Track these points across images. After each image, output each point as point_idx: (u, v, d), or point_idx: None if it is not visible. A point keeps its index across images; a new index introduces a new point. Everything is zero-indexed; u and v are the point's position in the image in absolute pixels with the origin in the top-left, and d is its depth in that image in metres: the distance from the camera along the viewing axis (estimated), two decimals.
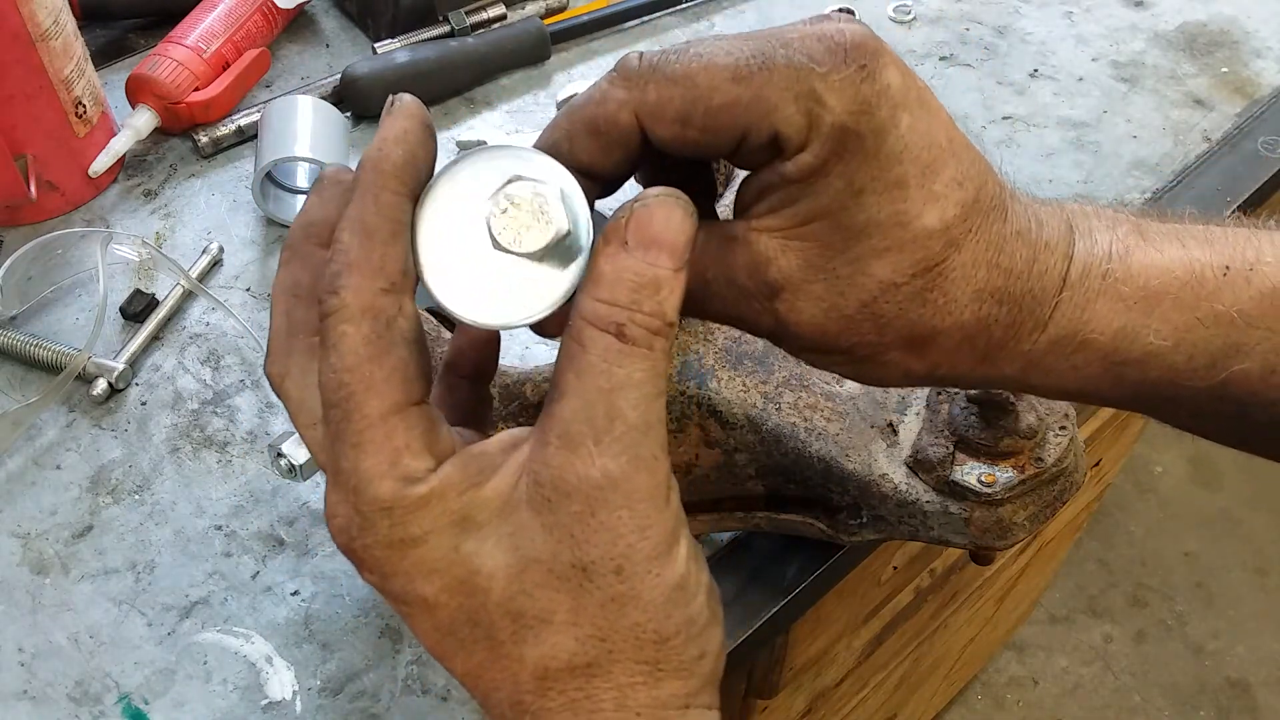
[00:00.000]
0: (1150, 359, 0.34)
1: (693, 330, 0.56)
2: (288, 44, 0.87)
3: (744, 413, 0.54)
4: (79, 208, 0.75)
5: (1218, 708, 1.87)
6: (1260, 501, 2.12)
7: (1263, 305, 0.34)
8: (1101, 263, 0.34)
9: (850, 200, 0.31)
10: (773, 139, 0.31)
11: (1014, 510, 0.54)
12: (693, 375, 0.54)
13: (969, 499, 0.53)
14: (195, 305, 0.70)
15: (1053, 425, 0.54)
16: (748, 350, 0.56)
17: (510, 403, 0.51)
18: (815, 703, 0.98)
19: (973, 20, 0.92)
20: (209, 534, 0.60)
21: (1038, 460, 0.53)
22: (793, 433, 0.54)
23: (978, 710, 1.88)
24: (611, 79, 0.32)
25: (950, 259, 0.32)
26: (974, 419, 0.53)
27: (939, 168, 0.32)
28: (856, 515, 0.55)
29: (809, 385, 0.56)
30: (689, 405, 0.54)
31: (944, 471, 0.53)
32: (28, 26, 0.65)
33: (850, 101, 0.30)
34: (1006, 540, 0.54)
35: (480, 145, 0.80)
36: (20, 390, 0.65)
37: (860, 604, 0.86)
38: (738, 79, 0.30)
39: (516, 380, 0.51)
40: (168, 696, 0.54)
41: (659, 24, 0.91)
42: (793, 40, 0.31)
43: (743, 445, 0.55)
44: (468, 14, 0.86)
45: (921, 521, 0.54)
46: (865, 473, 0.54)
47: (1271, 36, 0.91)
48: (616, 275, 0.29)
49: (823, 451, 0.54)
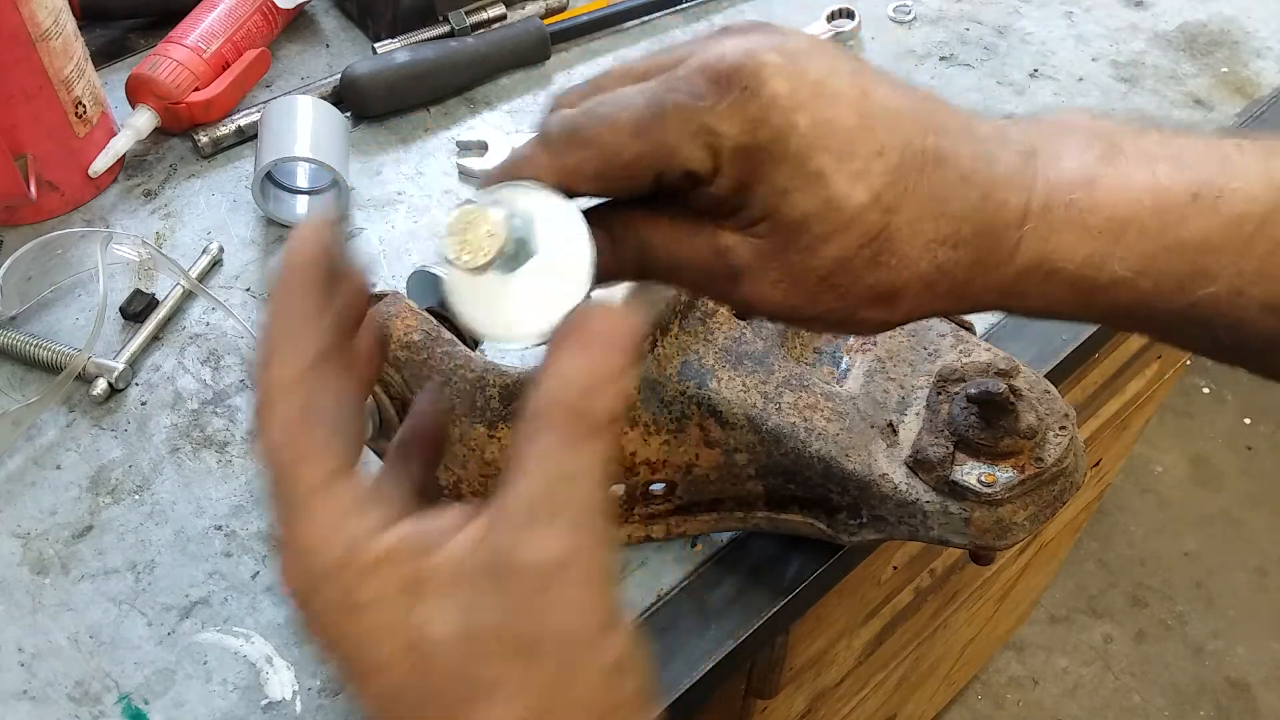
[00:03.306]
0: (1118, 285, 0.35)
1: (693, 330, 0.56)
2: (288, 44, 0.87)
3: (744, 412, 0.54)
4: (79, 208, 0.75)
5: (1218, 708, 1.87)
6: (1260, 501, 2.12)
7: (1229, 231, 0.35)
8: (1066, 192, 0.35)
9: (780, 201, 0.34)
10: (687, 174, 0.34)
11: (1014, 510, 0.53)
12: (693, 375, 0.54)
13: (969, 499, 0.53)
14: (195, 305, 0.70)
15: (1053, 425, 0.54)
16: (748, 350, 0.56)
17: (509, 403, 0.51)
18: (815, 703, 0.98)
19: (973, 20, 0.92)
20: (209, 534, 0.60)
21: (1038, 460, 0.53)
22: (792, 432, 0.54)
23: (978, 710, 1.88)
24: (533, 145, 0.35)
25: (891, 223, 0.34)
26: (974, 419, 0.53)
27: (853, 147, 0.33)
28: (856, 515, 0.55)
29: (809, 385, 0.56)
30: (689, 405, 0.54)
31: (944, 471, 0.53)
32: (28, 26, 0.65)
33: (742, 124, 0.33)
34: (1006, 540, 0.54)
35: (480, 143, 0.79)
36: (20, 390, 0.65)
37: (860, 604, 0.86)
38: (638, 133, 0.33)
39: (516, 380, 0.51)
40: (168, 696, 0.54)
41: (659, 24, 0.91)
42: (680, 81, 0.34)
43: (742, 445, 0.55)
44: (468, 14, 0.86)
45: (921, 521, 0.54)
46: (865, 473, 0.54)
47: (1271, 36, 0.91)
48: (575, 370, 0.30)
49: (823, 451, 0.54)
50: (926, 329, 0.60)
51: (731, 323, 0.57)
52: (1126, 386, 1.10)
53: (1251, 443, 2.22)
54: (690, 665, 0.55)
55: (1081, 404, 0.98)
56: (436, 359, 0.49)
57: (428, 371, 0.48)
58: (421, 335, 0.49)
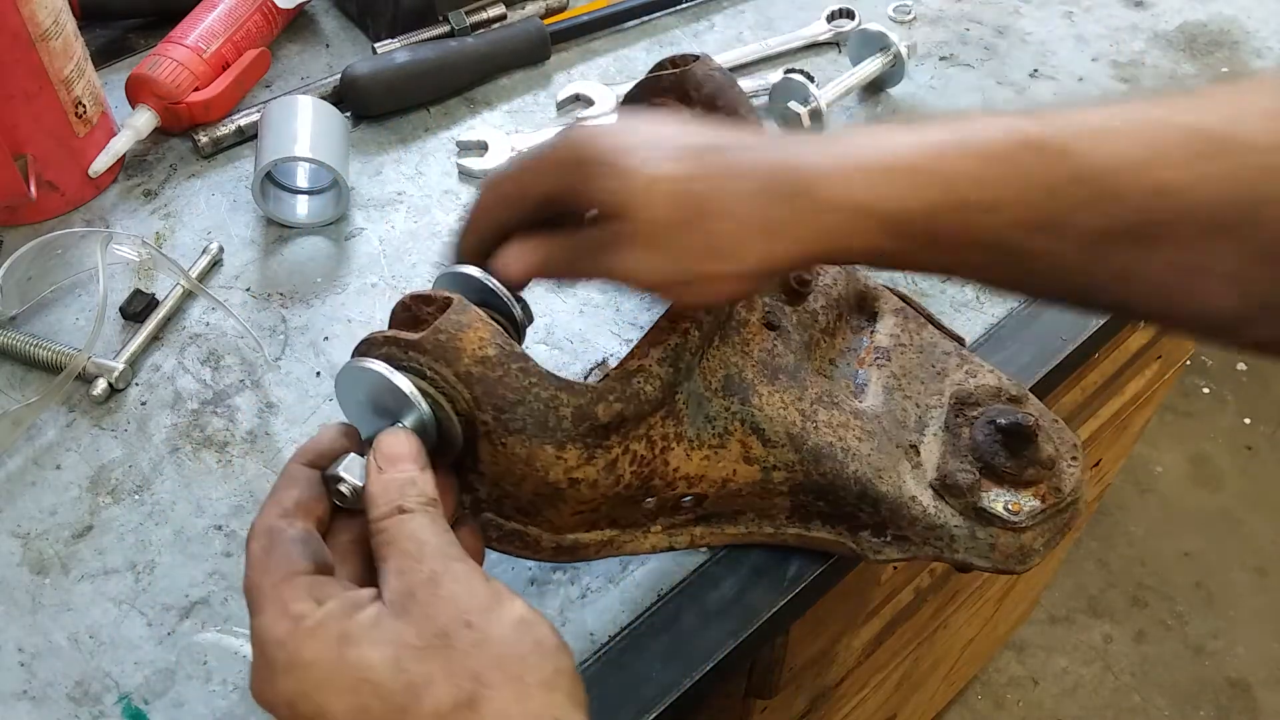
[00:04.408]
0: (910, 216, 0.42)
1: (730, 341, 0.55)
2: (288, 44, 0.87)
3: (785, 430, 0.54)
4: (79, 208, 0.75)
5: (1218, 708, 1.87)
6: (1260, 501, 2.12)
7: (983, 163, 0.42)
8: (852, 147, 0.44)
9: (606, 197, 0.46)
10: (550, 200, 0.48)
11: (1034, 536, 0.55)
12: (735, 390, 0.54)
13: (995, 525, 0.55)
14: (195, 305, 0.70)
15: (1065, 455, 0.56)
16: (781, 364, 0.56)
17: (581, 423, 0.50)
18: (815, 703, 0.98)
19: (973, 20, 0.92)
20: (209, 534, 0.60)
21: (1056, 490, 0.55)
22: (830, 453, 0.54)
23: (978, 710, 1.88)
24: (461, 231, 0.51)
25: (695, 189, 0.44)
26: (999, 446, 0.55)
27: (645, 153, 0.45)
28: (880, 534, 0.56)
29: (839, 403, 0.56)
30: (732, 421, 0.54)
31: (972, 498, 0.54)
32: (28, 26, 0.65)
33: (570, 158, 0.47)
34: (1025, 565, 0.56)
35: (480, 143, 0.79)
36: (20, 390, 0.65)
37: (860, 604, 0.86)
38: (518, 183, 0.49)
39: (591, 399, 0.50)
40: (168, 696, 0.54)
41: (659, 24, 0.91)
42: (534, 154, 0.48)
43: (781, 464, 0.54)
44: (468, 14, 0.86)
45: (948, 544, 0.55)
46: (897, 495, 0.55)
47: (1271, 36, 0.91)
48: (383, 485, 0.43)
49: (859, 473, 0.54)
50: (933, 346, 0.61)
51: (761, 333, 0.57)
52: (1126, 386, 1.10)
53: (1251, 443, 2.22)
54: (690, 665, 0.55)
55: (1081, 404, 0.98)
56: (512, 376, 0.46)
57: (502, 390, 0.45)
58: (496, 350, 0.45)
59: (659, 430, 0.51)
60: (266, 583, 0.40)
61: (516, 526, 0.51)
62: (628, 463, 0.50)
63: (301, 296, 0.71)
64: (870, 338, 0.62)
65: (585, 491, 0.49)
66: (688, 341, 0.51)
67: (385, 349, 0.46)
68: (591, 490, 0.49)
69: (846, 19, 0.89)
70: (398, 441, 0.44)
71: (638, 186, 0.44)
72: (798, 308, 0.59)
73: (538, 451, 0.46)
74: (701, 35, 0.90)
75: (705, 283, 0.45)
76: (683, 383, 0.52)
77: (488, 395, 0.45)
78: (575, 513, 0.51)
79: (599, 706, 0.54)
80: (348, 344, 0.68)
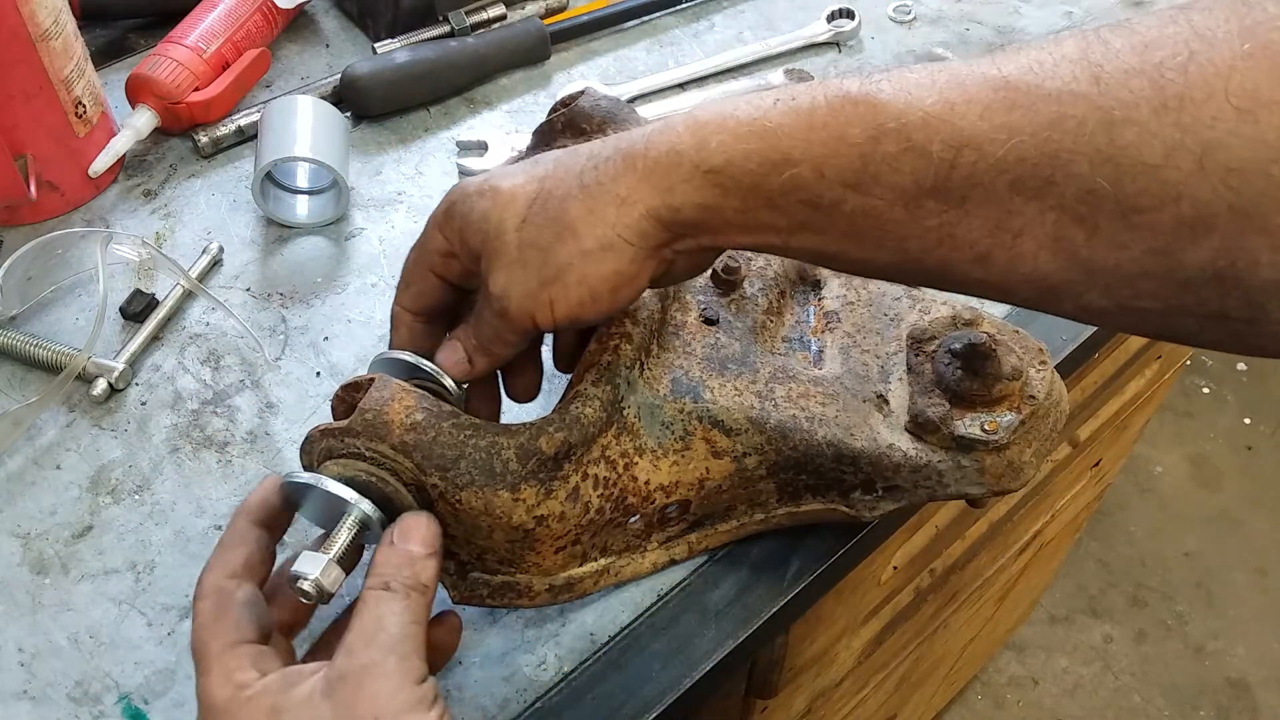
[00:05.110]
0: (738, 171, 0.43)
1: (671, 346, 0.56)
2: (288, 44, 0.87)
3: (744, 416, 0.54)
4: (79, 208, 0.75)
5: (1218, 708, 1.87)
6: (1260, 501, 2.12)
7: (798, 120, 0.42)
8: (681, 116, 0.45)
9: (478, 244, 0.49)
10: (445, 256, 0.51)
11: (1020, 450, 0.55)
12: (685, 390, 0.54)
13: (977, 449, 0.54)
14: (195, 305, 0.70)
15: (1031, 362, 0.55)
16: (728, 354, 0.56)
17: (528, 461, 0.50)
18: (815, 703, 0.98)
19: (973, 20, 0.92)
20: (209, 534, 0.60)
21: (1030, 398, 0.54)
22: (795, 424, 0.54)
23: (978, 710, 1.88)
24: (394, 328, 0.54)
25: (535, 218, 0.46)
26: (959, 372, 0.54)
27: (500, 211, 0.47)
28: (870, 490, 0.56)
29: (794, 375, 0.56)
30: (690, 421, 0.54)
31: (947, 429, 0.54)
32: (28, 26, 0.65)
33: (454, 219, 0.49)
34: (1020, 480, 0.55)
35: (480, 143, 0.79)
36: (20, 390, 0.65)
37: (860, 604, 0.86)
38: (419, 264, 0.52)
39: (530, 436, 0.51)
40: (168, 696, 0.54)
41: (658, 24, 0.91)
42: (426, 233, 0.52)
43: (751, 448, 0.54)
44: (468, 14, 0.86)
45: (937, 481, 0.55)
46: (873, 447, 0.54)
47: None
48: (385, 557, 0.46)
49: (829, 436, 0.54)
50: (881, 295, 0.61)
51: (702, 330, 0.57)
52: (1126, 386, 1.10)
53: (1251, 443, 2.22)
54: (690, 665, 0.55)
55: (1081, 404, 0.98)
56: (445, 434, 0.46)
57: (439, 449, 0.46)
58: (424, 414, 0.47)
59: (615, 449, 0.51)
60: (215, 646, 0.44)
61: (505, 578, 0.52)
62: (590, 488, 0.50)
63: (301, 296, 0.71)
64: (818, 305, 0.62)
65: (556, 526, 0.49)
66: (620, 357, 0.51)
67: (323, 443, 0.48)
68: (562, 524, 0.49)
69: (846, 19, 0.89)
70: (418, 524, 0.47)
71: (492, 213, 0.47)
72: (733, 296, 0.59)
73: (493, 499, 0.47)
74: (701, 35, 0.90)
75: (572, 270, 0.45)
76: (626, 397, 0.52)
77: (427, 458, 0.46)
78: (557, 550, 0.51)
79: (599, 706, 0.54)
80: (348, 344, 0.68)
